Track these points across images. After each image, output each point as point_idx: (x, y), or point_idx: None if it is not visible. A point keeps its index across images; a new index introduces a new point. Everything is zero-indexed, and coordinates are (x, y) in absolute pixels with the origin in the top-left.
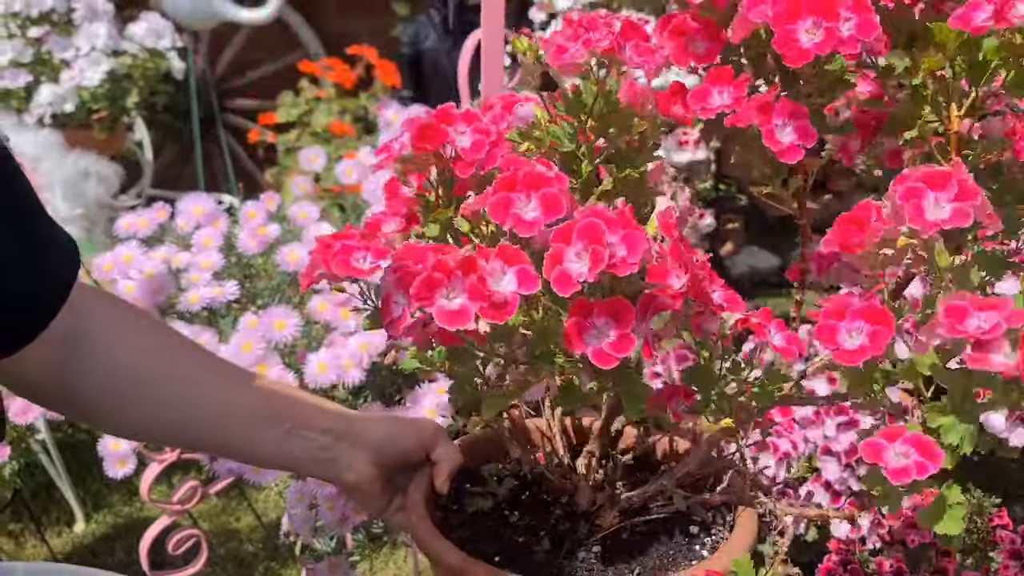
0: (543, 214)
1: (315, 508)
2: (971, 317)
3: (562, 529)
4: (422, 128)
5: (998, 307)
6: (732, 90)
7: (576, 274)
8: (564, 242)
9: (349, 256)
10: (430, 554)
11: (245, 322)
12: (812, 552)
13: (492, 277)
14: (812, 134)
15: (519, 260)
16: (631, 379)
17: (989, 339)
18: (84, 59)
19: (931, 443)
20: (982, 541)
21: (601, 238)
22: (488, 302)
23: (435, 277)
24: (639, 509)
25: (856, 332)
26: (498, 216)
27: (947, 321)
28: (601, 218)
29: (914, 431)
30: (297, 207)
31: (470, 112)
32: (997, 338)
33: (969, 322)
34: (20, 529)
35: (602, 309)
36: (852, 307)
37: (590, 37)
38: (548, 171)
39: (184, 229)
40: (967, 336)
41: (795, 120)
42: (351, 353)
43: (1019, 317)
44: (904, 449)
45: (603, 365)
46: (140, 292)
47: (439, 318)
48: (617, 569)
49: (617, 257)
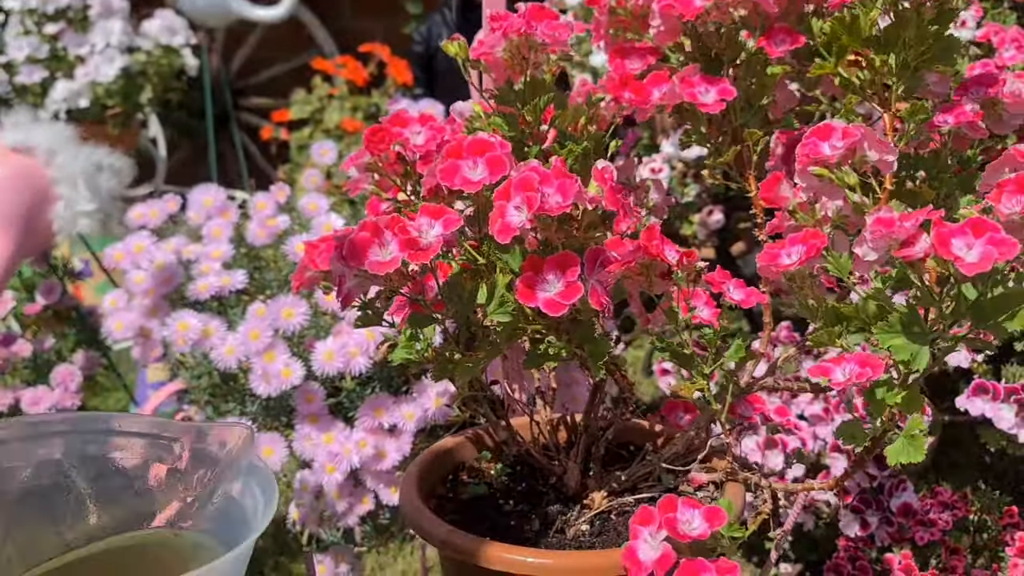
0: (489, 174)
1: (321, 498)
2: (896, 223)
3: (553, 511)
4: (372, 131)
5: (916, 214)
6: (666, 85)
7: (517, 224)
8: (504, 198)
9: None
10: (421, 532)
11: (253, 310)
12: (820, 550)
13: (420, 230)
14: (730, 91)
15: (443, 213)
16: (591, 335)
17: (913, 235)
18: (99, 55)
19: (872, 356)
20: (992, 540)
21: (535, 187)
22: (415, 248)
23: (362, 237)
24: (627, 489)
25: (795, 252)
26: (448, 179)
27: (876, 228)
28: (536, 172)
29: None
30: (307, 198)
31: (424, 114)
32: (918, 234)
33: (897, 226)
34: None
35: (551, 263)
36: (791, 237)
37: (506, 25)
38: (491, 137)
39: (195, 221)
40: (896, 235)
41: (715, 85)
42: (358, 342)
43: (933, 213)
44: (850, 367)
45: (553, 313)
46: (150, 282)
47: (371, 268)
48: (604, 545)
49: (551, 203)
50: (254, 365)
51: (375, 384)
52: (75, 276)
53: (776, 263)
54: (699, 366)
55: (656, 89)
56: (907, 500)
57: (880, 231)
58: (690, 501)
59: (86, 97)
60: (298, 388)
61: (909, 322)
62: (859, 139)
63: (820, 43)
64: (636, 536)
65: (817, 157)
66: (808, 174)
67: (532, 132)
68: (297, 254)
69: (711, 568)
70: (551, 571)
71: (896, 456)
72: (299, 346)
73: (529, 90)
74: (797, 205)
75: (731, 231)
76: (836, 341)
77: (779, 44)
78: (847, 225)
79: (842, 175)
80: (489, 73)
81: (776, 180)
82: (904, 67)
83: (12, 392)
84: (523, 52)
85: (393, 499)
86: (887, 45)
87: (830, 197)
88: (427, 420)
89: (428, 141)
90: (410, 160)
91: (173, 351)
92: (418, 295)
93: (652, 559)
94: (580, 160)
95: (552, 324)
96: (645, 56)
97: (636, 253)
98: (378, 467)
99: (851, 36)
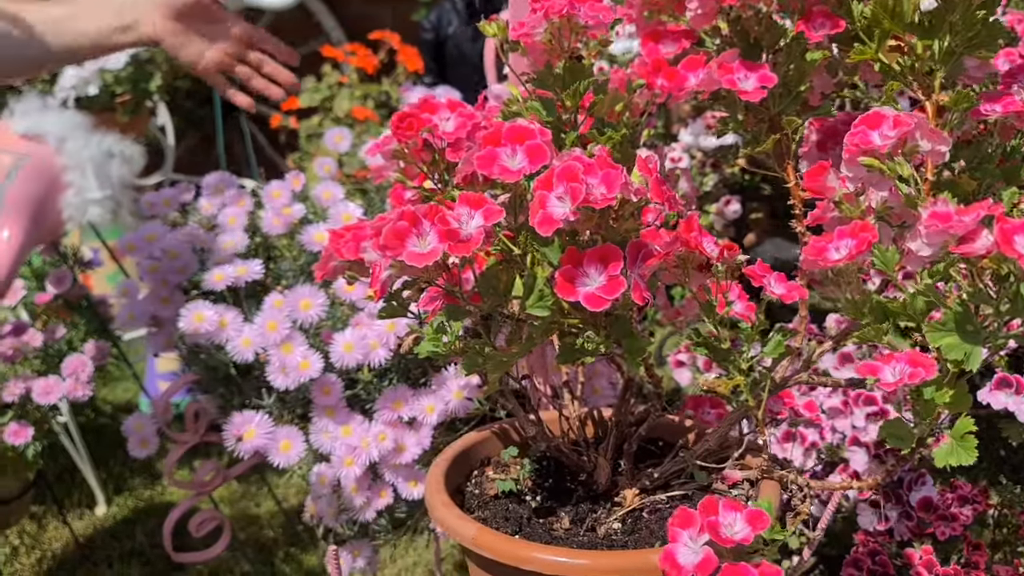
0: (529, 163)
1: (339, 491)
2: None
3: (582, 508)
4: (400, 117)
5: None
6: (702, 71)
7: (559, 215)
8: (546, 188)
9: (360, 243)
10: (450, 530)
11: (271, 301)
12: (839, 544)
13: (460, 220)
14: (771, 77)
15: (483, 203)
16: (629, 330)
17: (973, 231)
18: None
19: (924, 356)
20: (1012, 535)
21: (580, 178)
22: (456, 239)
23: (400, 227)
24: (660, 487)
25: (844, 247)
26: (486, 168)
27: (932, 223)
28: (579, 161)
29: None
30: (322, 186)
31: (453, 100)
32: (978, 229)
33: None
34: (43, 511)
35: (592, 256)
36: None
37: (548, 6)
38: (531, 124)
39: (207, 210)
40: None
41: (755, 71)
42: (378, 333)
43: (993, 208)
44: (900, 367)
45: (594, 308)
46: (164, 271)
47: (409, 259)
48: (637, 545)
49: (596, 195)
50: (271, 357)
51: (392, 376)
52: (85, 265)
53: (824, 257)
54: (736, 361)
55: (692, 75)
56: (927, 494)
57: (936, 226)
58: (731, 503)
59: (95, 84)
60: (315, 380)
61: (963, 320)
62: (912, 128)
63: (860, 27)
64: (675, 539)
65: (867, 147)
66: (856, 164)
67: (571, 118)
68: (314, 243)
69: (755, 573)
70: (587, 571)
71: (945, 458)
72: (315, 338)
73: (568, 74)
74: (843, 196)
75: (744, 222)
76: (884, 339)
77: (818, 28)
78: (891, 217)
79: (894, 166)
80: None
81: (823, 169)
82: (949, 53)
83: (23, 381)
84: (564, 35)
85: (413, 493)
86: (932, 30)
87: (878, 188)
88: (448, 413)
89: (458, 128)
90: (438, 147)
91: (186, 341)
92: (454, 287)
93: (693, 563)
94: (618, 148)
95: (589, 319)
96: (679, 40)
97: (674, 245)
98: (397, 460)
99: (893, 20)
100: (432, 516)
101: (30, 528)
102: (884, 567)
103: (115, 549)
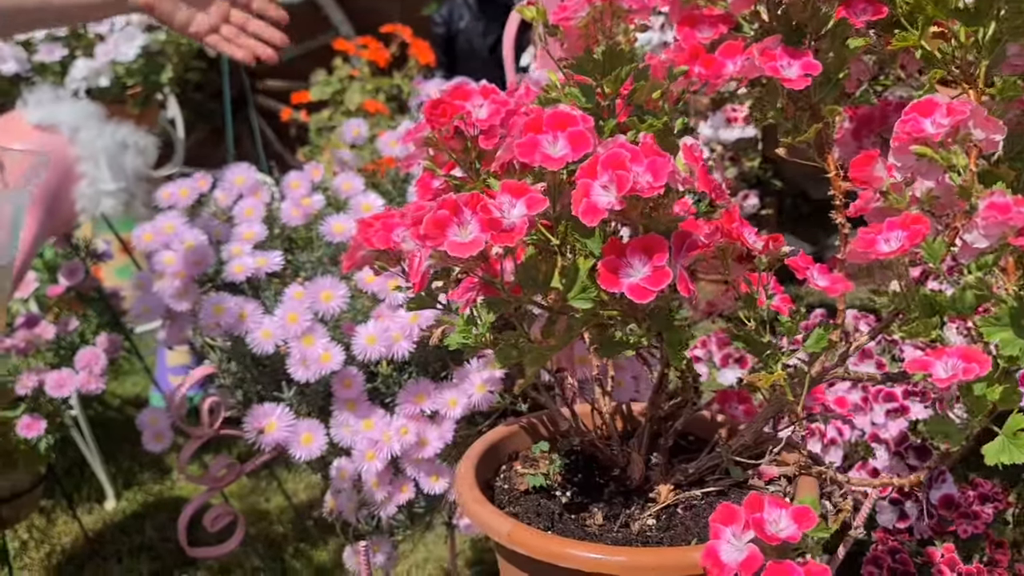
0: (571, 151)
1: (359, 487)
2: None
3: (616, 504)
4: (434, 104)
5: None
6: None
7: (604, 204)
8: (590, 176)
9: (390, 233)
10: (483, 525)
11: (291, 293)
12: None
13: (501, 209)
14: (816, 65)
15: (525, 191)
16: (670, 323)
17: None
18: (119, 34)
19: (976, 351)
20: None
21: (626, 165)
22: (499, 229)
23: (441, 216)
24: (694, 483)
25: (895, 239)
26: (527, 155)
27: (990, 214)
28: (626, 149)
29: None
30: (342, 177)
31: (486, 87)
32: None
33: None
34: (52, 505)
35: (635, 247)
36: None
37: None
38: (573, 111)
39: (223, 201)
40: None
41: (798, 58)
42: (401, 326)
43: None
44: (952, 362)
45: (639, 299)
46: (180, 263)
47: (451, 249)
48: (673, 541)
49: (643, 183)
50: (292, 349)
51: (412, 369)
52: (97, 257)
53: (874, 249)
54: (775, 355)
55: (730, 62)
56: (948, 492)
57: (994, 217)
58: (776, 500)
59: (106, 76)
60: (336, 373)
61: (1018, 315)
62: (967, 116)
63: (902, 13)
64: (717, 536)
65: (918, 135)
66: (906, 153)
67: (609, 105)
68: (334, 234)
69: (801, 572)
70: (625, 568)
71: (996, 455)
72: (335, 330)
73: (608, 60)
74: (891, 186)
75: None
76: (933, 333)
77: (860, 14)
78: (936, 208)
79: (948, 155)
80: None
81: (870, 159)
82: (994, 40)
83: (36, 374)
84: (605, 20)
85: (434, 488)
86: (977, 16)
87: (927, 178)
88: (471, 407)
89: (492, 115)
90: (470, 135)
91: (202, 334)
92: (494, 278)
93: (736, 561)
94: (659, 137)
95: (628, 311)
96: (717, 24)
97: (716, 236)
98: (419, 455)
99: (937, 6)
100: (465, 512)
101: (39, 522)
102: (904, 565)
103: (124, 544)
